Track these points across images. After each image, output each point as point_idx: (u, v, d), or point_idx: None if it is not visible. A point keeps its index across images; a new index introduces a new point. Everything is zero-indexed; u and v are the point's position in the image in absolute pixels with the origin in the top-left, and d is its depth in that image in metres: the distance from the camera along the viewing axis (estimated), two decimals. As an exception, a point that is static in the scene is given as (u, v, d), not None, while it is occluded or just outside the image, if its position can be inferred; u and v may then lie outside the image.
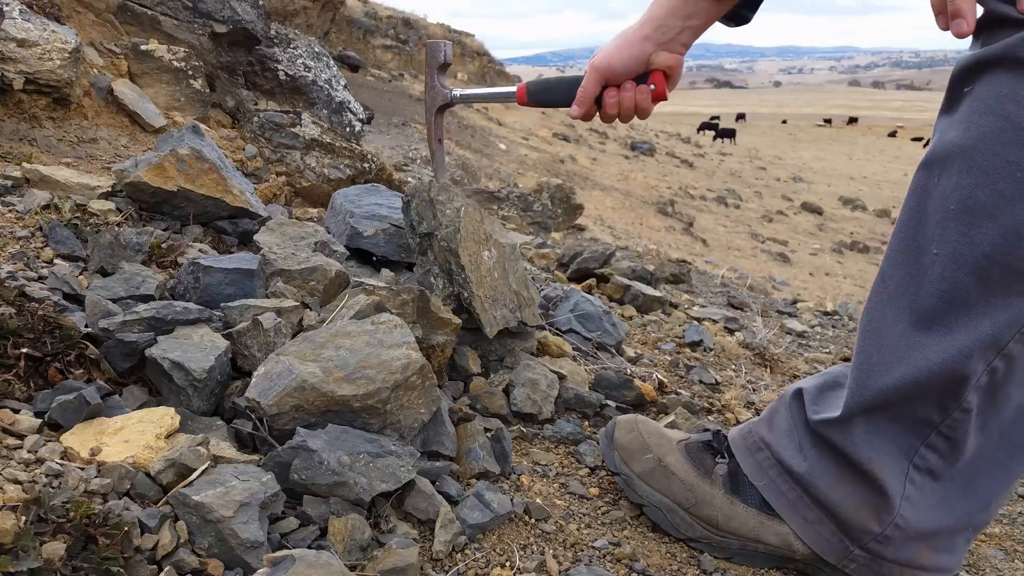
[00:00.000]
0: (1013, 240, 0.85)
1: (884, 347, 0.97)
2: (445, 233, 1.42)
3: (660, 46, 1.20)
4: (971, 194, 0.87)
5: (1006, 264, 0.86)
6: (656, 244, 9.46)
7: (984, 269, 0.87)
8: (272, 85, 3.44)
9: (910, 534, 1.02)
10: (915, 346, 0.94)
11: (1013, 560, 1.28)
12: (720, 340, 2.11)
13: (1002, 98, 0.84)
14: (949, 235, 0.90)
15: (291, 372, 1.02)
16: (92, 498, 0.84)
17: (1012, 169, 0.84)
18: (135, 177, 1.60)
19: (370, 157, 2.89)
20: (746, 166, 27.40)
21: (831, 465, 1.05)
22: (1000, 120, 0.85)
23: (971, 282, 0.89)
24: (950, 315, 0.91)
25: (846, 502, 1.04)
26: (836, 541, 1.07)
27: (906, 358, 0.95)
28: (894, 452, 1.00)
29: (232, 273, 1.32)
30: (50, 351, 1.05)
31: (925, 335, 0.93)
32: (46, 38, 2.10)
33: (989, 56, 0.86)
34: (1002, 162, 0.85)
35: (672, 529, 1.14)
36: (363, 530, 0.93)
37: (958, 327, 0.91)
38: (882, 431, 1.00)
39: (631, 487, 1.17)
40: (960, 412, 0.95)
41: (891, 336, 0.96)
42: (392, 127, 10.52)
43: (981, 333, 0.89)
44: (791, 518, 1.09)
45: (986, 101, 0.86)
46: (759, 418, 1.17)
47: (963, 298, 0.90)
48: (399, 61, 23.58)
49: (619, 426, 1.22)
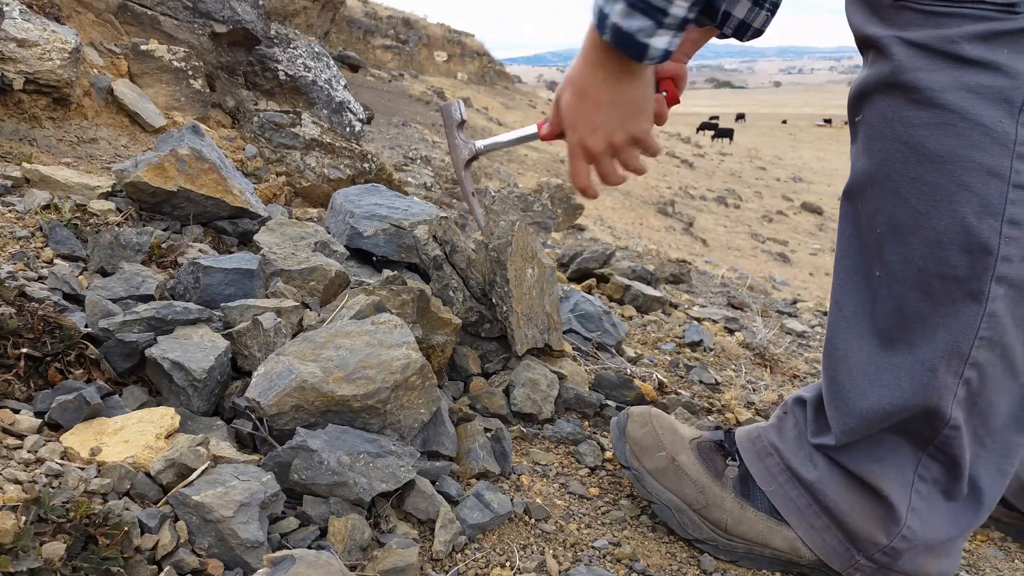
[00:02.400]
0: (939, 250, 0.89)
1: (855, 372, 0.99)
2: (497, 244, 1.41)
3: None
4: (891, 215, 0.92)
5: (940, 273, 0.89)
6: (656, 244, 9.46)
7: (924, 282, 0.91)
8: (272, 85, 3.44)
9: (917, 545, 1.02)
10: (884, 367, 0.96)
11: (1013, 560, 1.28)
12: (720, 340, 2.11)
13: (889, 121, 0.89)
14: (885, 256, 0.94)
15: (291, 372, 1.02)
16: (92, 498, 0.84)
17: (918, 185, 0.88)
18: (135, 177, 1.60)
19: (370, 157, 2.89)
20: (746, 166, 27.40)
21: (838, 476, 1.05)
22: (893, 142, 0.90)
23: (917, 296, 0.92)
24: (908, 332, 0.94)
25: (853, 513, 1.04)
26: (843, 549, 1.07)
27: (878, 380, 0.97)
28: (899, 464, 1.01)
29: (232, 273, 1.32)
30: (50, 351, 1.05)
31: (890, 354, 0.96)
32: (46, 38, 2.10)
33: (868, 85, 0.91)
34: (907, 180, 0.89)
35: (679, 529, 1.14)
36: (363, 530, 0.93)
37: (917, 342, 0.93)
38: (883, 443, 1.01)
39: (641, 483, 1.16)
40: (949, 429, 0.96)
41: (859, 361, 0.99)
42: (392, 127, 10.52)
43: (939, 344, 0.92)
44: (798, 524, 1.08)
45: (877, 127, 0.91)
46: (768, 423, 1.17)
47: (914, 313, 0.93)
48: (399, 61, 23.58)
49: (632, 418, 1.20)
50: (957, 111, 0.85)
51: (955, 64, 0.85)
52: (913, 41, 0.87)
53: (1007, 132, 0.84)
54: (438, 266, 1.48)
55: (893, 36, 0.88)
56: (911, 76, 0.87)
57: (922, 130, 0.87)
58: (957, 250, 0.88)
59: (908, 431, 0.99)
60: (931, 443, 0.98)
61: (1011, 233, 0.86)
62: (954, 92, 0.85)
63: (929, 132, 0.87)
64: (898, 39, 0.87)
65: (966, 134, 0.85)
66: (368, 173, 2.83)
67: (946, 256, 0.88)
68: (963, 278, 0.89)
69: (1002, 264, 0.87)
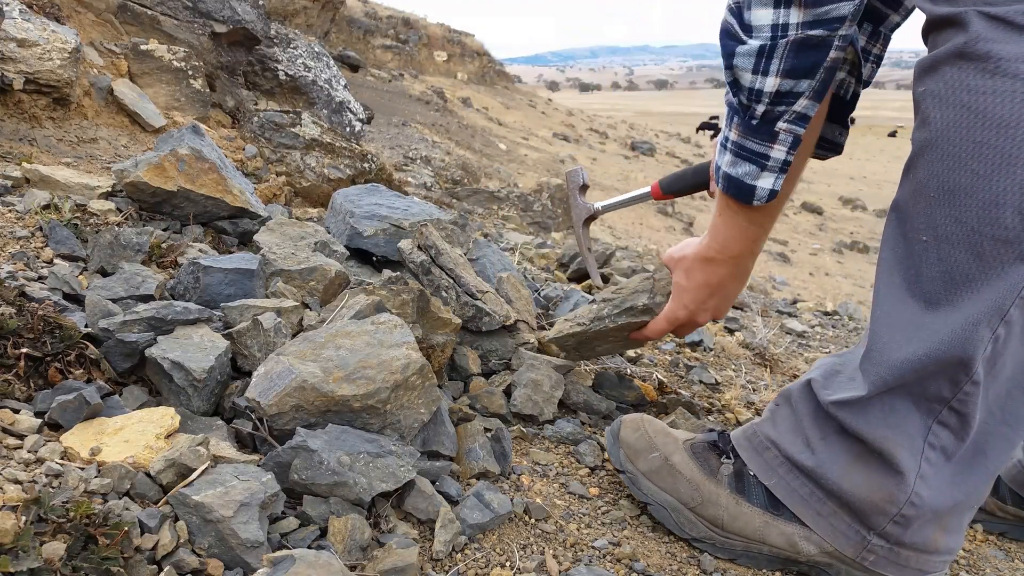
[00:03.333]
0: (995, 211, 0.92)
1: (895, 329, 1.02)
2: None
3: None
4: (948, 178, 0.95)
5: (993, 235, 0.93)
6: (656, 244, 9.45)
7: (976, 244, 0.94)
8: (272, 85, 3.44)
9: (926, 513, 1.04)
10: (925, 325, 0.99)
11: (1013, 560, 1.28)
12: (720, 340, 2.11)
13: (955, 90, 0.93)
14: (937, 219, 0.96)
15: (291, 372, 1.02)
16: (92, 498, 0.84)
17: (980, 148, 0.92)
18: (135, 177, 1.60)
19: (370, 157, 2.89)
20: (746, 166, 27.28)
21: (841, 452, 1.06)
22: (958, 109, 0.93)
23: (967, 258, 0.95)
24: (954, 293, 0.97)
25: (859, 488, 1.05)
26: (852, 532, 1.07)
27: (917, 336, 1.00)
28: (909, 431, 1.03)
29: (232, 273, 1.32)
30: (50, 351, 1.05)
31: (933, 315, 0.99)
32: (46, 38, 2.10)
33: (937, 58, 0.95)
34: (969, 144, 0.92)
35: (676, 528, 1.14)
36: (363, 530, 0.93)
37: (963, 303, 0.96)
38: (897, 410, 1.03)
39: (636, 485, 1.18)
40: (971, 385, 0.99)
41: (901, 320, 1.02)
42: (392, 127, 10.52)
43: (985, 303, 0.95)
44: (805, 513, 1.09)
45: (941, 95, 0.94)
46: (761, 418, 1.18)
47: (963, 274, 0.96)
48: (399, 61, 23.58)
49: (625, 424, 1.23)
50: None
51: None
52: (992, 14, 0.90)
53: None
54: (426, 271, 1.50)
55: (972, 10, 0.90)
56: (986, 47, 0.90)
57: (990, 97, 0.90)
58: (1012, 212, 0.91)
59: (924, 395, 1.02)
60: (946, 404, 1.01)
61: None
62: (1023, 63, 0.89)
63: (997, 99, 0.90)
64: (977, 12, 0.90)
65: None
66: (368, 173, 2.83)
67: (1001, 217, 0.92)
68: (1015, 239, 0.92)
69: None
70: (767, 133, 1.08)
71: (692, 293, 1.29)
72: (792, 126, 1.06)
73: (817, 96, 1.04)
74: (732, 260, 1.23)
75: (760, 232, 1.20)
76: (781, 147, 1.07)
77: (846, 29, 1.00)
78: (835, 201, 19.97)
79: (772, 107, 1.06)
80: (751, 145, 1.10)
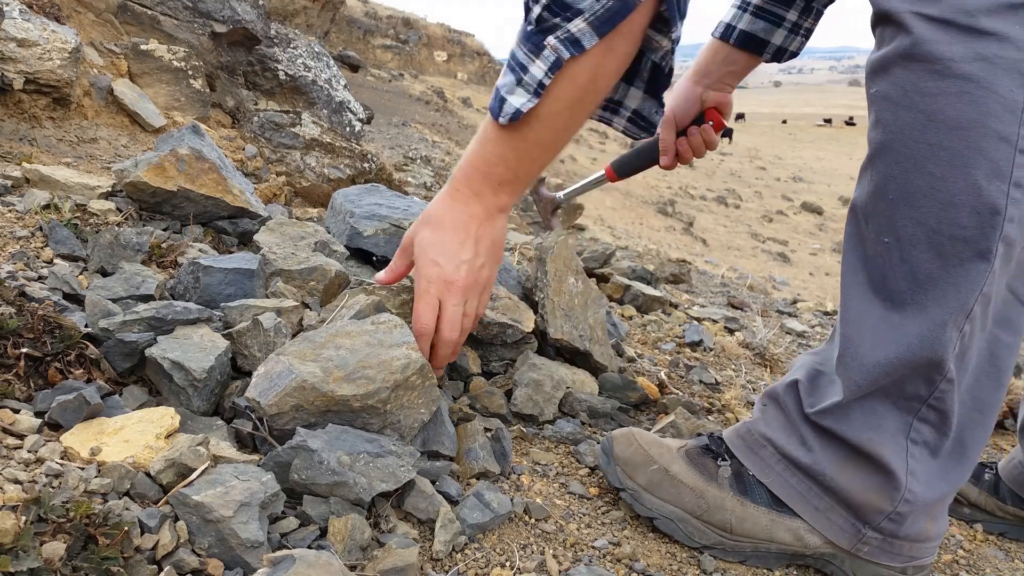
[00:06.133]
0: (952, 211, 0.94)
1: (864, 331, 1.04)
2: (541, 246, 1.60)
3: (708, 88, 1.44)
4: (906, 180, 0.96)
5: (952, 234, 0.95)
6: (656, 244, 9.45)
7: (936, 244, 0.96)
8: (272, 85, 3.44)
9: (919, 507, 1.06)
10: (893, 327, 1.01)
11: (1013, 560, 1.28)
12: (720, 340, 2.11)
13: (907, 92, 0.94)
14: (897, 220, 0.98)
15: (291, 372, 1.02)
16: (92, 498, 0.84)
17: (935, 151, 0.93)
18: (135, 177, 1.60)
19: (370, 157, 2.89)
20: (746, 166, 27.39)
21: (834, 452, 1.08)
22: (911, 112, 0.94)
23: (929, 258, 0.97)
24: (920, 293, 0.99)
25: (854, 486, 1.07)
26: (848, 526, 1.09)
27: (887, 337, 1.02)
28: (891, 431, 1.05)
29: (232, 273, 1.32)
30: (50, 351, 1.05)
31: (901, 315, 1.01)
32: (46, 38, 2.10)
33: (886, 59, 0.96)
34: (924, 147, 0.94)
35: (685, 539, 1.13)
36: (363, 530, 0.93)
37: (929, 302, 0.98)
38: (876, 411, 1.05)
39: (639, 501, 1.16)
40: (946, 383, 1.01)
41: (870, 321, 1.03)
42: (392, 127, 10.52)
43: (950, 303, 0.97)
44: (803, 510, 1.10)
45: (893, 98, 0.96)
46: (753, 417, 1.18)
47: (927, 274, 0.97)
48: (399, 61, 23.58)
49: (616, 441, 1.21)
50: (975, 80, 0.90)
51: (972, 36, 0.90)
52: (932, 16, 0.91)
53: (1017, 100, 0.90)
54: None
55: (911, 11, 0.92)
56: (931, 48, 0.91)
57: (941, 99, 0.92)
58: (968, 211, 0.93)
59: (901, 395, 1.03)
60: (924, 402, 1.03)
61: (1016, 195, 0.92)
62: (972, 63, 0.90)
63: (948, 101, 0.91)
64: (916, 14, 0.92)
65: (982, 102, 0.90)
66: (368, 173, 2.83)
67: (958, 217, 0.93)
68: (972, 238, 0.94)
69: (1007, 224, 0.93)
70: (535, 44, 0.98)
71: (432, 243, 1.12)
72: (560, 45, 0.96)
73: (597, 27, 0.94)
74: (469, 193, 1.09)
75: (503, 165, 1.06)
76: (542, 64, 0.97)
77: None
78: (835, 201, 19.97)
79: (548, 15, 0.96)
80: (519, 54, 1.00)
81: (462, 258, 1.11)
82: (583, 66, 0.98)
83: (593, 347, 1.55)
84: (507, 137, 1.05)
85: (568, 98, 1.01)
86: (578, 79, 1.00)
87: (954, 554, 1.26)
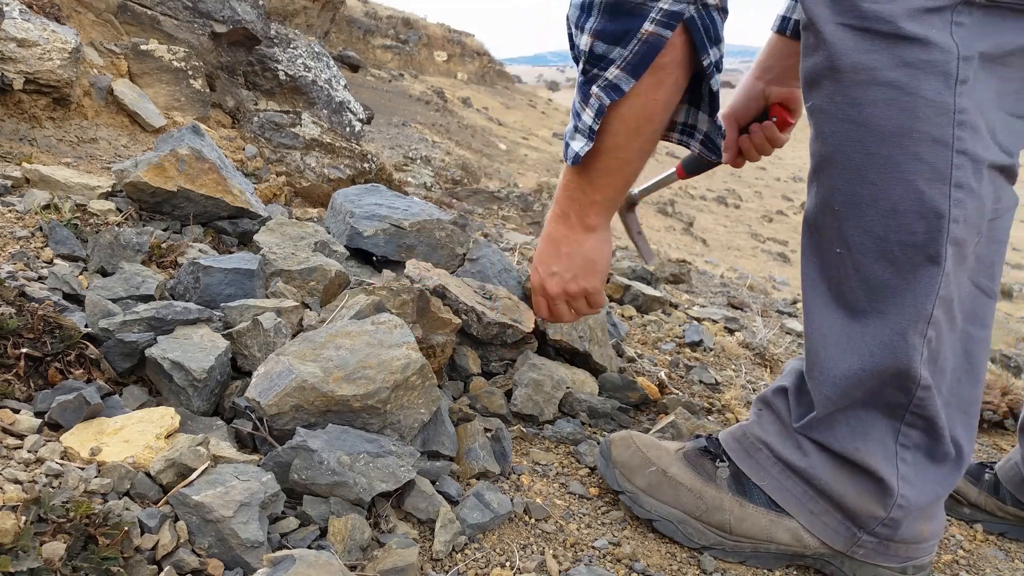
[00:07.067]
0: (897, 218, 0.94)
1: (828, 341, 1.05)
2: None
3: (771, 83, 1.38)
4: (849, 191, 0.97)
5: (900, 240, 0.95)
6: (656, 244, 9.45)
7: (886, 251, 0.96)
8: (272, 85, 3.44)
9: (913, 511, 1.06)
10: (855, 336, 1.02)
11: (1013, 560, 1.28)
12: (720, 340, 2.11)
13: (839, 104, 0.94)
14: (846, 231, 0.99)
15: (291, 372, 1.02)
16: (92, 498, 0.84)
17: (873, 159, 0.94)
18: (135, 177, 1.60)
19: (370, 157, 2.89)
20: (746, 166, 27.34)
21: (827, 460, 1.08)
22: (846, 124, 0.95)
23: (881, 266, 0.97)
24: (877, 301, 0.99)
25: (847, 493, 1.07)
26: (843, 529, 1.09)
27: (850, 348, 1.02)
28: (879, 438, 1.05)
29: (232, 273, 1.32)
30: (50, 351, 1.05)
31: (861, 324, 1.01)
32: (46, 38, 2.10)
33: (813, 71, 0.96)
34: (862, 156, 0.94)
35: (685, 540, 1.13)
36: (363, 530, 0.93)
37: (887, 309, 0.99)
38: (862, 421, 1.05)
39: (637, 503, 1.16)
40: (922, 390, 1.00)
41: (833, 332, 1.04)
42: (392, 127, 10.52)
43: (908, 308, 0.97)
44: (798, 512, 1.10)
45: (827, 110, 0.96)
46: (749, 420, 1.18)
47: (881, 282, 0.98)
48: (399, 61, 23.58)
49: (614, 444, 1.21)
50: (900, 87, 0.90)
51: (893, 42, 0.90)
52: (853, 25, 0.91)
53: (946, 102, 0.90)
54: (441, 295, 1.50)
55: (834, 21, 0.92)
56: (855, 58, 0.91)
57: (871, 108, 0.92)
58: (914, 216, 0.94)
59: (883, 403, 1.03)
60: (907, 410, 1.02)
61: (958, 196, 0.92)
62: (895, 69, 0.90)
63: (878, 109, 0.92)
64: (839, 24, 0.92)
65: (911, 107, 0.90)
66: (368, 173, 2.83)
67: (904, 223, 0.94)
68: (921, 243, 0.94)
69: (953, 226, 0.93)
70: (584, 94, 1.07)
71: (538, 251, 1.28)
72: (602, 93, 1.04)
73: (631, 71, 1.01)
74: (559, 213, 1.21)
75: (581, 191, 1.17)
76: (590, 112, 1.06)
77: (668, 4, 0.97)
78: (835, 201, 19.88)
79: (589, 68, 1.04)
80: (576, 103, 1.11)
81: (552, 270, 1.25)
82: (629, 106, 1.06)
83: (592, 348, 1.55)
84: (578, 171, 1.15)
85: (624, 133, 1.09)
86: (627, 117, 1.07)
87: (954, 554, 1.26)
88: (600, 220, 1.21)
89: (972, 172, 0.92)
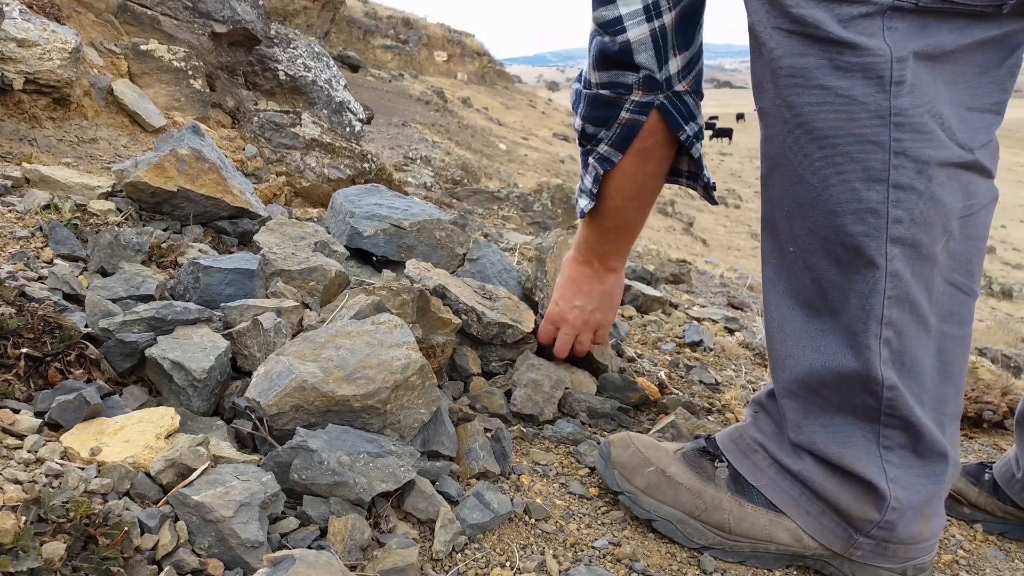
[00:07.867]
0: (836, 219, 0.96)
1: (788, 339, 1.06)
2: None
3: None
4: (794, 192, 0.99)
5: (841, 242, 0.96)
6: (656, 244, 9.46)
7: (831, 251, 0.98)
8: (272, 85, 3.44)
9: (908, 512, 1.05)
10: (814, 333, 1.03)
11: (1013, 560, 1.28)
12: (720, 340, 2.11)
13: (778, 107, 0.97)
14: (795, 231, 1.01)
15: (291, 372, 1.02)
16: (92, 498, 0.84)
17: (810, 161, 0.96)
18: (135, 177, 1.60)
19: (370, 157, 2.89)
20: (746, 166, 27.41)
21: (820, 464, 1.08)
22: (785, 126, 0.97)
23: (828, 265, 0.99)
24: (828, 299, 1.01)
25: (841, 497, 1.07)
26: (841, 531, 1.08)
27: (810, 345, 1.04)
28: (861, 443, 1.05)
29: (232, 273, 1.32)
30: (50, 351, 1.05)
31: (819, 322, 1.03)
32: (46, 38, 2.10)
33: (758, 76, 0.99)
34: (801, 158, 0.96)
35: (684, 539, 1.13)
36: (363, 530, 0.93)
37: (839, 308, 1.00)
38: (841, 428, 1.05)
39: (637, 503, 1.16)
40: (887, 390, 1.00)
41: (792, 329, 1.06)
42: (392, 127, 10.52)
43: (854, 308, 0.98)
44: (795, 513, 1.10)
45: (770, 113, 0.99)
46: (745, 421, 1.18)
47: (830, 281, 1.00)
48: (399, 61, 23.59)
49: (614, 445, 1.21)
50: (833, 89, 0.92)
51: (825, 46, 0.91)
52: (788, 29, 0.93)
53: (881, 105, 0.91)
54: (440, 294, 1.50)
55: (769, 26, 0.94)
56: (790, 63, 0.93)
57: (807, 111, 0.94)
58: (852, 218, 0.95)
59: (857, 407, 1.04)
60: (880, 411, 1.03)
61: (897, 197, 0.93)
62: (828, 73, 0.91)
63: (813, 112, 0.93)
64: (776, 28, 0.94)
65: (845, 110, 0.92)
66: (368, 173, 2.83)
67: (843, 224, 0.95)
68: (860, 245, 0.95)
69: (893, 226, 0.94)
70: (584, 161, 1.27)
71: (559, 287, 1.44)
72: (596, 163, 1.23)
73: (617, 146, 1.19)
74: (582, 260, 1.40)
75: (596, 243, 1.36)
76: (589, 177, 1.25)
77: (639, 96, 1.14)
78: (835, 201, 19.89)
79: (584, 142, 1.23)
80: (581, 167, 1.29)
81: (575, 303, 1.42)
82: (621, 174, 1.23)
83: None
84: (589, 223, 1.34)
85: (621, 195, 1.27)
86: (622, 184, 1.25)
87: (954, 554, 1.26)
88: (618, 263, 1.40)
89: (916, 172, 0.92)
